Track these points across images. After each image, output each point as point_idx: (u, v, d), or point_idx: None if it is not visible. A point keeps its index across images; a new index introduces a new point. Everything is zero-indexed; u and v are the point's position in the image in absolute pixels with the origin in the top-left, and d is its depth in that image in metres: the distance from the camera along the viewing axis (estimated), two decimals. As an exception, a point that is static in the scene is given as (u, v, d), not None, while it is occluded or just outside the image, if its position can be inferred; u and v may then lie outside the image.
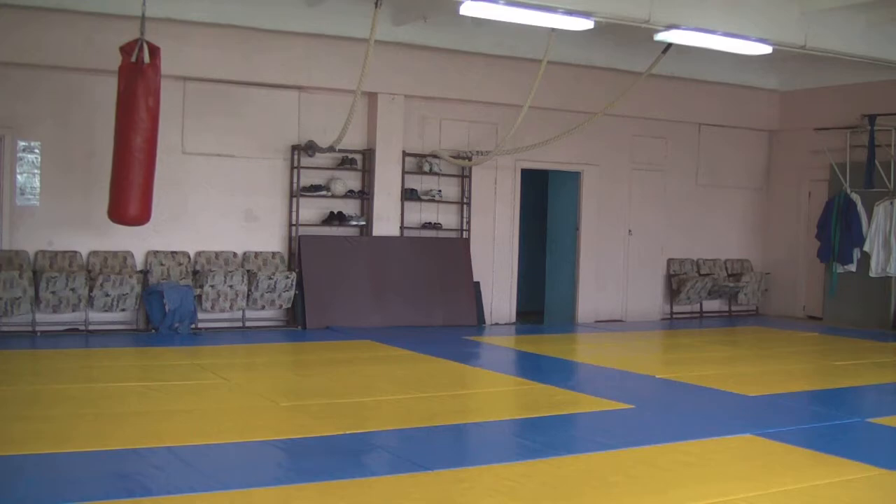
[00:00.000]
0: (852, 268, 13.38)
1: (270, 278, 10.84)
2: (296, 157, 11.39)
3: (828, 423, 6.81)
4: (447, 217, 12.45)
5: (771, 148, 15.07)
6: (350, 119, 10.33)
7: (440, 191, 12.28)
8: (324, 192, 11.53)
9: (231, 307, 10.81)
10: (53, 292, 9.75)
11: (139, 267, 10.58)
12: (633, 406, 7.21)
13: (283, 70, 11.10)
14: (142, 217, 9.03)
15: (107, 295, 10.02)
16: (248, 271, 10.90)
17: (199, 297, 10.57)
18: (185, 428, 5.94)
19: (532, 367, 9.68)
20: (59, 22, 9.74)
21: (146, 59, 8.66)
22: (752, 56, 10.71)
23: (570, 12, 8.78)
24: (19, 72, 9.94)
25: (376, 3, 9.18)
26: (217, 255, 11.07)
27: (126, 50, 8.69)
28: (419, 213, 12.26)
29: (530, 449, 5.81)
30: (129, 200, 8.86)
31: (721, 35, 9.54)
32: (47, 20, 9.69)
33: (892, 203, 13.04)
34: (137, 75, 8.66)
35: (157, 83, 8.80)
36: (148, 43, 8.69)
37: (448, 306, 12.08)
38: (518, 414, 7.23)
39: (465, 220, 12.49)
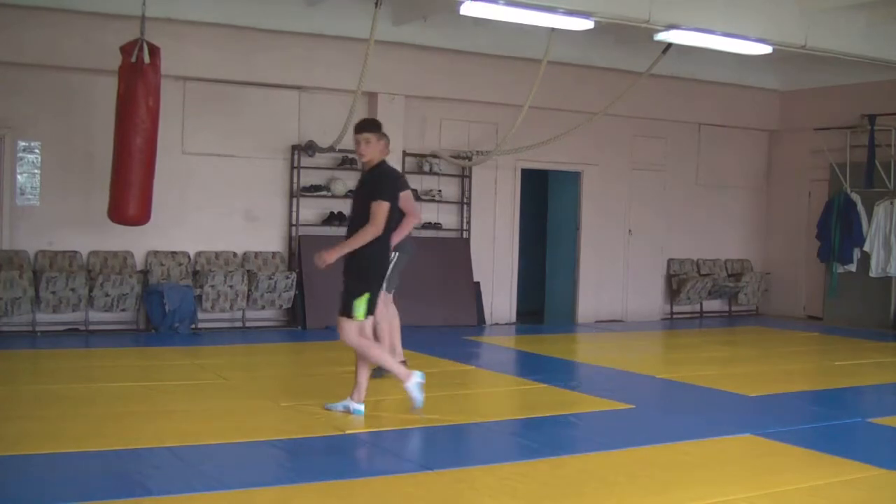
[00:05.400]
0: (852, 268, 13.38)
1: (270, 278, 10.84)
2: (296, 157, 11.40)
3: (828, 423, 6.80)
4: (447, 217, 12.45)
5: (771, 148, 15.06)
6: (350, 119, 10.31)
7: (440, 191, 12.28)
8: (324, 192, 11.53)
9: (231, 307, 10.81)
10: (53, 292, 9.75)
11: (139, 267, 10.58)
12: (633, 406, 7.21)
13: (283, 70, 11.10)
14: (141, 217, 9.01)
15: (107, 295, 10.03)
16: (248, 271, 10.89)
17: (199, 297, 10.57)
18: (185, 428, 5.94)
19: (532, 367, 9.67)
20: (59, 21, 9.74)
21: (146, 59, 8.66)
22: (752, 56, 10.71)
23: (570, 12, 8.78)
24: (19, 72, 9.94)
25: (376, 3, 9.17)
26: (217, 255, 11.07)
27: (126, 50, 8.69)
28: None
29: (530, 449, 5.81)
30: (129, 200, 8.85)
31: (721, 35, 9.54)
32: (47, 20, 9.69)
33: (892, 203, 13.04)
34: (137, 75, 8.64)
35: (157, 83, 8.79)
36: (148, 43, 8.68)
37: (448, 306, 12.08)
38: (518, 414, 7.23)
39: (465, 220, 12.49)
